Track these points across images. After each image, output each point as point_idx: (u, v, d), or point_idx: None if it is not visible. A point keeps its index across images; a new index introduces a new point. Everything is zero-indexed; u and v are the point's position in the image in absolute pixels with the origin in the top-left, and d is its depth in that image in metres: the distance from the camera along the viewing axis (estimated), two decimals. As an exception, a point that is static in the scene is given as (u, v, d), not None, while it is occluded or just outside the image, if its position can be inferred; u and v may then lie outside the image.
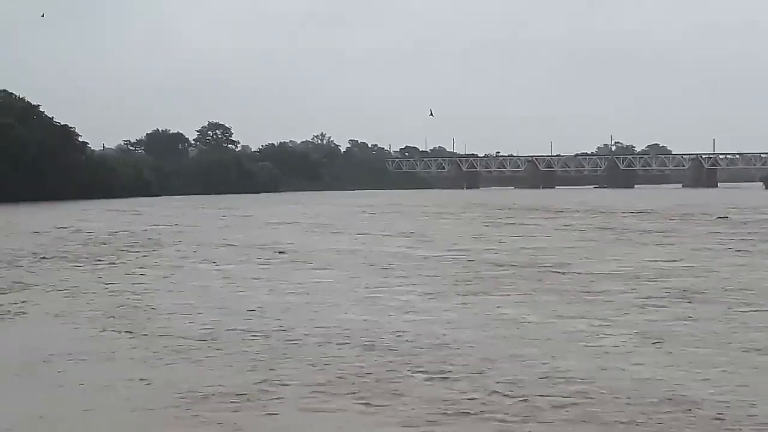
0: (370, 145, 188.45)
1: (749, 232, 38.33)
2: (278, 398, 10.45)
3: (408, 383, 11.09)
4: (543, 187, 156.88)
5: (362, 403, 10.19)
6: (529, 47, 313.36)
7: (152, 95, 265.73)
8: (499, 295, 18.91)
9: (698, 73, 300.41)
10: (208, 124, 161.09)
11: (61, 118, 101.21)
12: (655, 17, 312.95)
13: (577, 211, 61.21)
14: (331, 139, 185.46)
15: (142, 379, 11.47)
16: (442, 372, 11.64)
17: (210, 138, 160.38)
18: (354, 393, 10.66)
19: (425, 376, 11.46)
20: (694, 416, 9.54)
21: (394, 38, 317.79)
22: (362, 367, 12.01)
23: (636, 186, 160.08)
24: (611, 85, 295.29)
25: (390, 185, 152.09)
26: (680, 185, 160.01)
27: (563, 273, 22.87)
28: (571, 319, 15.71)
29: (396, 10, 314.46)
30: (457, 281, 21.46)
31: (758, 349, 12.90)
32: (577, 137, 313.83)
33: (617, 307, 17.12)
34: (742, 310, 16.65)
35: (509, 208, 68.69)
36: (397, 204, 78.64)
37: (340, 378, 11.39)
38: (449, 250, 30.10)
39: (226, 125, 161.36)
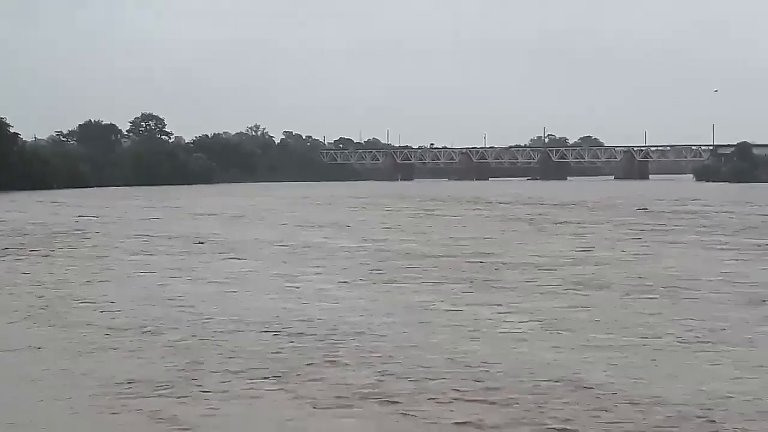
0: (304, 137, 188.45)
1: (662, 223, 39.50)
2: (199, 385, 10.78)
3: (321, 368, 11.57)
4: (477, 179, 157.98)
5: (278, 388, 10.61)
6: (464, 42, 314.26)
7: (85, 86, 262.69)
8: (413, 284, 19.57)
9: (631, 65, 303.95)
10: (141, 115, 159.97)
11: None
12: (587, 11, 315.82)
13: (506, 203, 62.27)
14: (266, 130, 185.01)
15: (63, 369, 11.71)
16: (354, 357, 12.15)
17: (143, 129, 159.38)
18: (270, 378, 11.09)
19: (338, 361, 11.97)
20: (589, 396, 10.06)
21: (333, 34, 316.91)
22: (279, 353, 12.46)
23: (569, 178, 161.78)
24: (545, 77, 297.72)
25: (324, 177, 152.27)
26: (612, 177, 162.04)
27: (479, 262, 23.63)
28: (479, 306, 16.36)
29: (338, 9, 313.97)
30: (373, 271, 22.07)
31: (653, 335, 13.52)
32: (510, 130, 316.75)
33: (524, 294, 17.91)
34: (640, 297, 17.45)
35: (439, 200, 69.51)
36: (327, 195, 79.03)
37: (258, 364, 11.80)
38: (371, 241, 30.78)
39: (160, 116, 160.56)
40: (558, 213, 49.19)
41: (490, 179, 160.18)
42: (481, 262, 23.86)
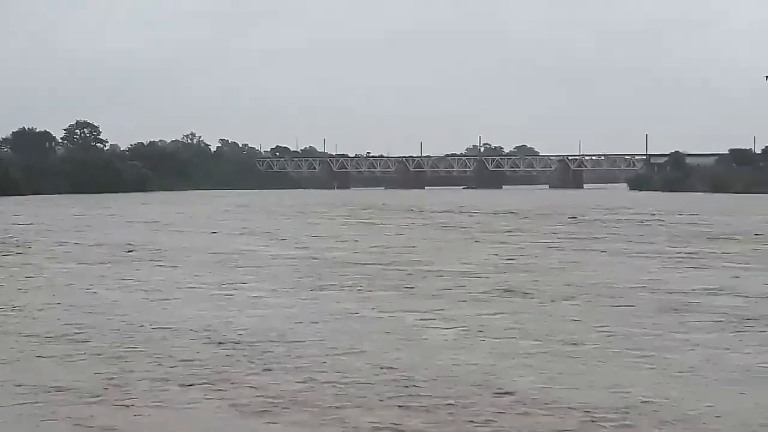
0: (240, 145, 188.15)
1: (591, 232, 40.30)
2: (128, 392, 10.86)
3: (246, 375, 11.74)
4: (413, 188, 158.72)
5: (206, 396, 10.73)
6: (399, 48, 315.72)
7: (17, 94, 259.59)
8: (342, 292, 19.85)
9: (565, 73, 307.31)
10: (76, 123, 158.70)
11: None
12: (522, 18, 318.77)
13: (440, 212, 62.81)
14: (202, 138, 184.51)
15: (-12, 378, 11.68)
16: (280, 364, 12.34)
17: (78, 137, 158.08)
18: (198, 384, 11.22)
19: (264, 367, 12.14)
20: (510, 401, 10.32)
21: (271, 39, 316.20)
22: (208, 360, 12.61)
23: (504, 187, 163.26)
24: (482, 86, 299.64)
25: (261, 185, 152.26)
26: (547, 186, 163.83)
27: (409, 270, 23.98)
28: (406, 313, 16.67)
29: (273, 8, 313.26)
30: (304, 278, 22.32)
31: (574, 341, 13.87)
32: (447, 139, 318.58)
33: (450, 301, 18.23)
34: (562, 303, 17.89)
35: (374, 208, 69.92)
36: (262, 203, 79.13)
37: (187, 371, 11.93)
38: (303, 249, 31.07)
39: (94, 124, 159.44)
40: (491, 222, 49.79)
41: (426, 188, 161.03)
42: (410, 270, 24.20)
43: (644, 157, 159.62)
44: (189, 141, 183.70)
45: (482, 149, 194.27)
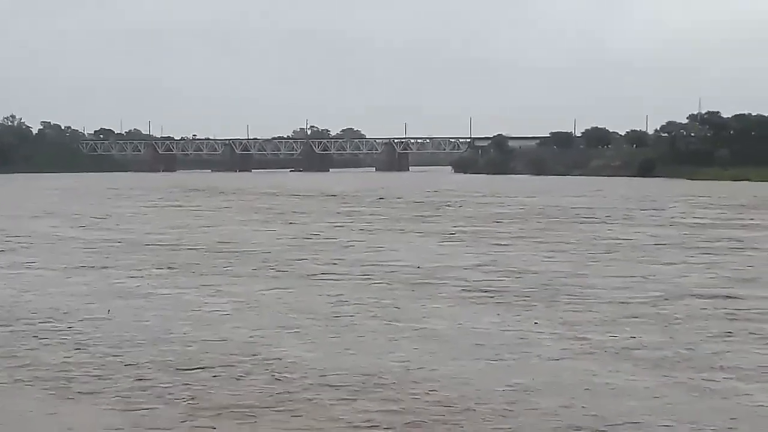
0: (63, 127, 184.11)
1: (391, 212, 42.09)
2: None
3: (35, 350, 12.46)
4: (240, 171, 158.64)
5: None
6: (232, 32, 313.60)
7: None
8: (123, 270, 20.79)
9: (393, 56, 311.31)
10: None
11: None
12: (347, 5, 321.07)
13: (255, 194, 63.55)
14: (23, 120, 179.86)
15: None
16: (59, 338, 13.17)
17: None
18: None
19: (45, 342, 12.96)
20: (280, 369, 11.27)
21: (95, 20, 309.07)
22: None
23: (331, 169, 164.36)
24: (307, 69, 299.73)
25: (85, 168, 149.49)
26: (374, 169, 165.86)
27: (199, 250, 25.06)
28: (187, 290, 17.81)
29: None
30: (99, 258, 23.24)
31: (336, 314, 15.07)
32: (274, 121, 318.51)
33: (227, 278, 19.48)
34: (330, 280, 19.12)
35: (194, 190, 70.38)
36: (77, 187, 78.43)
37: None
38: (104, 231, 31.75)
39: None
40: (299, 203, 50.97)
41: (253, 171, 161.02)
42: (200, 249, 25.29)
43: (468, 140, 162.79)
44: (10, 123, 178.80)
45: (309, 132, 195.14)
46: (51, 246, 26.45)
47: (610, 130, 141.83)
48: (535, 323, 14.14)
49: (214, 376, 10.94)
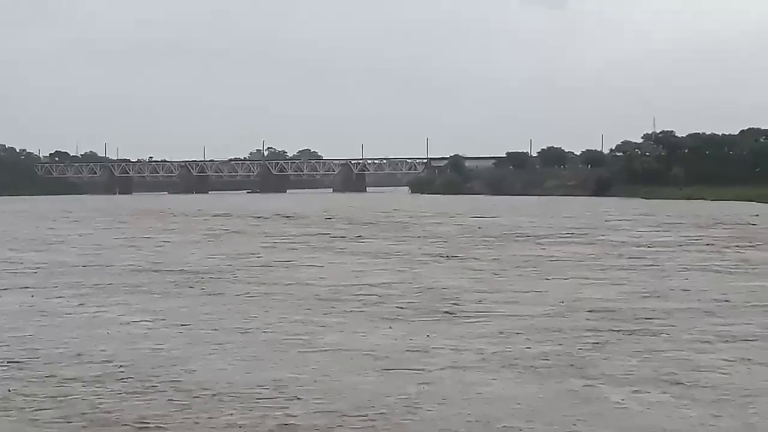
0: (18, 150, 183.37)
1: (338, 229, 42.80)
2: None
3: None
4: (196, 192, 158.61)
5: None
6: (190, 52, 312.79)
7: None
8: (48, 289, 21.67)
9: (353, 76, 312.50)
10: None
11: None
12: (317, 25, 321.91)
13: (208, 216, 63.97)
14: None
15: None
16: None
17: None
18: None
19: None
20: (188, 384, 11.84)
21: (50, 39, 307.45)
22: None
23: (288, 191, 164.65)
24: (267, 89, 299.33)
25: (40, 191, 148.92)
26: (331, 190, 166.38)
27: (130, 269, 25.87)
28: (108, 307, 18.62)
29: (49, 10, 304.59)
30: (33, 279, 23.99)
31: (246, 329, 15.88)
32: (231, 141, 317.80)
33: (142, 296, 20.34)
34: (253, 299, 19.93)
35: (135, 213, 71.12)
36: (22, 210, 79.06)
37: None
38: (44, 253, 32.41)
39: None
40: (248, 225, 51.71)
41: (210, 192, 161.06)
42: (135, 269, 26.15)
43: (425, 160, 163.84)
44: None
45: (266, 153, 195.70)
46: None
47: (566, 150, 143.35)
48: (427, 336, 14.92)
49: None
